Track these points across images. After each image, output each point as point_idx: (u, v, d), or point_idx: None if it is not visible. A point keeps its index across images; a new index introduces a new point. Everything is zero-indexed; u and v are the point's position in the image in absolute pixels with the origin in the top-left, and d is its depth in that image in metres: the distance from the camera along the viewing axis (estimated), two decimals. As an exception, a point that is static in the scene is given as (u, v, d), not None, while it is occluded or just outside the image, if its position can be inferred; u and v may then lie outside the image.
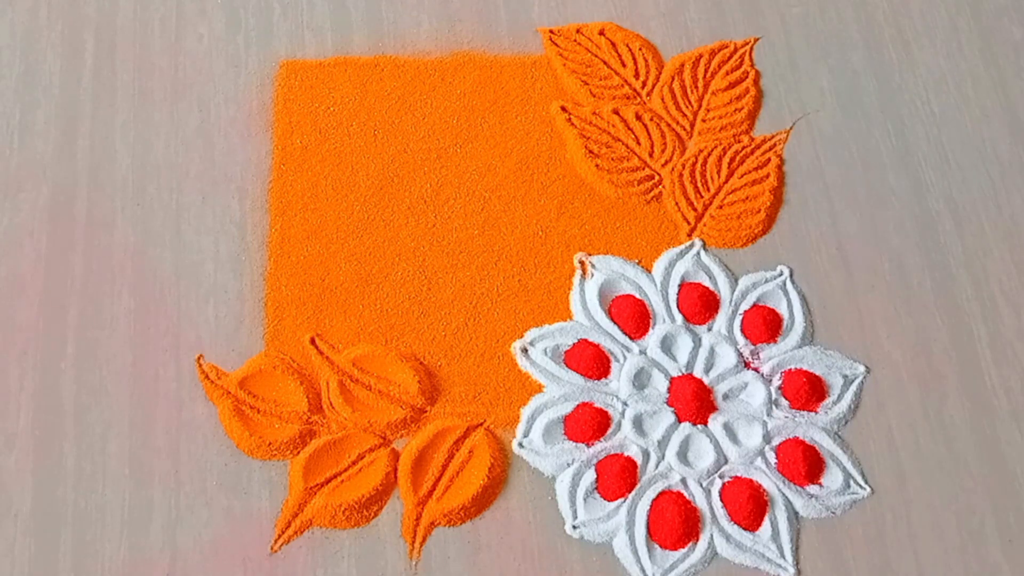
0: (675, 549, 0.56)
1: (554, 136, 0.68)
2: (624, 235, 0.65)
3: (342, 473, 0.58)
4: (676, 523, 0.56)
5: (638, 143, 0.68)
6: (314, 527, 0.56)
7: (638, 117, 0.68)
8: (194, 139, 0.67)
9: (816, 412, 0.60)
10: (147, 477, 0.57)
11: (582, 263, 0.64)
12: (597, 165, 0.67)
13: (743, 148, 0.68)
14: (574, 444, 0.58)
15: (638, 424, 0.59)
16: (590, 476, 0.58)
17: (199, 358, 0.60)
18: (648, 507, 0.57)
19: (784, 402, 0.60)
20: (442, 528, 0.57)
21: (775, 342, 0.62)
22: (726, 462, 0.59)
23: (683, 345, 0.62)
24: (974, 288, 0.64)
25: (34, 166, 0.66)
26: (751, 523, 0.57)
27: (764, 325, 0.62)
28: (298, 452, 0.58)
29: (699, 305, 0.62)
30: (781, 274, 0.64)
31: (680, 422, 0.59)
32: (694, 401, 0.60)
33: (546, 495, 0.58)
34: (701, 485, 0.58)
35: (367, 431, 0.59)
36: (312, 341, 0.61)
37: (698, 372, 0.61)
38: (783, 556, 0.56)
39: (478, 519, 0.57)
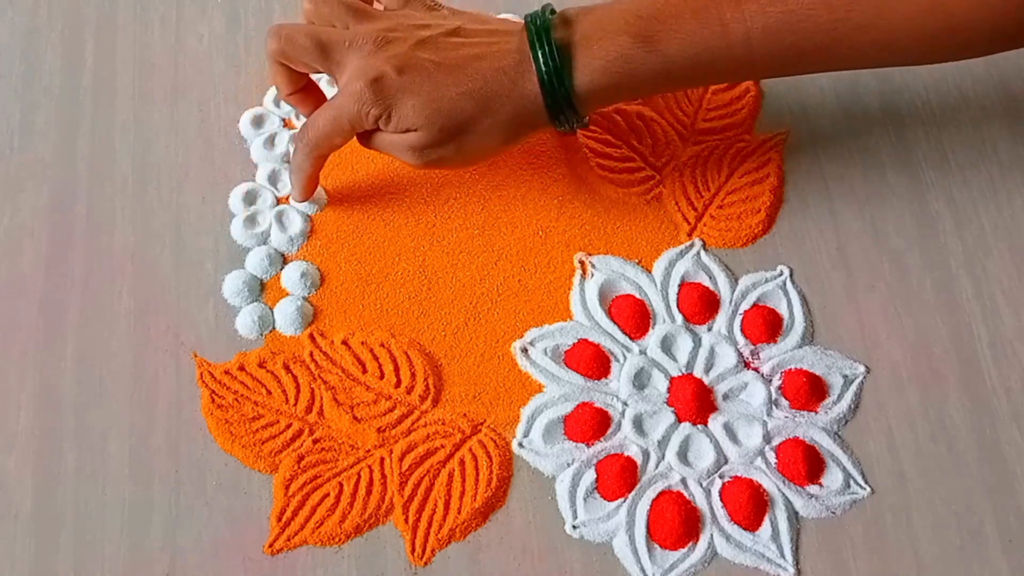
0: (675, 549, 0.56)
1: (554, 136, 0.68)
2: (624, 235, 0.65)
3: (330, 491, 0.57)
4: (676, 523, 0.56)
5: (638, 143, 0.68)
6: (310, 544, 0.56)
7: (638, 117, 0.68)
8: (194, 139, 0.67)
9: (816, 412, 0.60)
10: (147, 477, 0.57)
11: (582, 263, 0.64)
12: (597, 165, 0.67)
13: (743, 148, 0.68)
14: (574, 444, 0.58)
15: (638, 424, 0.59)
16: (590, 476, 0.58)
17: (195, 354, 0.60)
18: (648, 507, 0.57)
19: (784, 402, 0.60)
20: (442, 529, 0.56)
21: (775, 342, 0.62)
22: (726, 462, 0.59)
23: (683, 345, 0.61)
24: (974, 288, 0.64)
25: (34, 166, 0.66)
26: (751, 523, 0.57)
27: (764, 325, 0.62)
28: (286, 450, 0.58)
29: (699, 305, 0.62)
30: (781, 274, 0.64)
31: (680, 422, 0.59)
32: (694, 401, 0.59)
33: (546, 495, 0.58)
34: (701, 485, 0.58)
35: (362, 435, 0.58)
36: (311, 338, 0.61)
37: (698, 372, 0.61)
38: (783, 556, 0.56)
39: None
